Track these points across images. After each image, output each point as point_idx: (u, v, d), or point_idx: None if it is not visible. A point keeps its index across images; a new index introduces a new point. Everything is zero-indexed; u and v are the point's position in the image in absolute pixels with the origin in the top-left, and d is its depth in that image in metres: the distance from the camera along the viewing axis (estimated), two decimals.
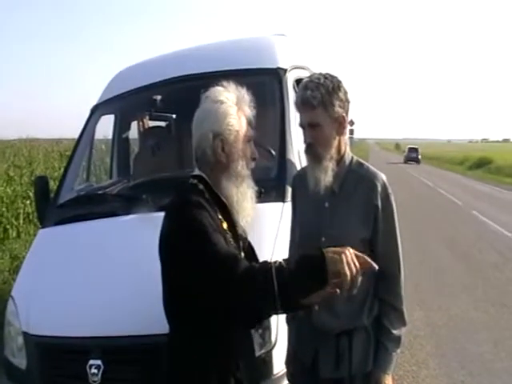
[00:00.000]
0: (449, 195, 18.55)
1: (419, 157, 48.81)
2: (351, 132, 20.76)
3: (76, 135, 3.97)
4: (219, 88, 1.75)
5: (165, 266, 1.67)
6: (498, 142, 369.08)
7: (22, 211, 9.45)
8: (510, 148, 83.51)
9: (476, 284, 7.06)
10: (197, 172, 1.75)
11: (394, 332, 2.09)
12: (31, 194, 9.92)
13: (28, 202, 9.68)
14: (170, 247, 1.63)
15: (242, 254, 1.77)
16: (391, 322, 2.10)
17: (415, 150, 49.68)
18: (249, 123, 1.76)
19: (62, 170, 10.06)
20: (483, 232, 11.04)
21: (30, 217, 9.59)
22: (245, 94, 1.76)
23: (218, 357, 1.67)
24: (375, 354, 2.09)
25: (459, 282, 7.18)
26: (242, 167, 1.73)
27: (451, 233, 10.91)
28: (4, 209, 9.19)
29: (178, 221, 1.63)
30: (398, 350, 2.13)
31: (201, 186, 1.70)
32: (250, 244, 1.91)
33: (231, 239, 1.70)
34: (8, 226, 9.01)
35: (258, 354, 2.22)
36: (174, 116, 4.29)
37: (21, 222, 9.26)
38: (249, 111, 1.76)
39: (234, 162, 1.71)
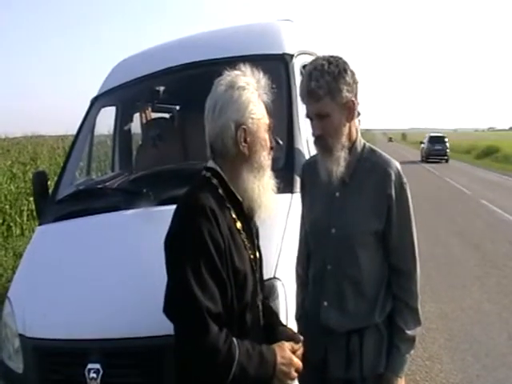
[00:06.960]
0: (457, 184, 18.32)
1: (447, 150, 32.27)
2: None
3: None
4: (237, 72, 1.61)
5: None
6: (504, 130, 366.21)
7: (25, 208, 9.38)
8: None
9: (488, 275, 6.90)
10: (211, 164, 1.62)
11: (408, 332, 1.94)
12: None
13: (32, 198, 9.60)
14: (167, 249, 1.53)
15: (257, 254, 1.69)
16: (405, 321, 1.95)
17: (440, 138, 32.78)
18: (267, 110, 1.63)
19: None
20: (493, 222, 10.85)
21: (34, 214, 9.52)
22: (262, 79, 1.63)
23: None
24: (388, 355, 1.95)
25: (471, 273, 7.02)
26: (264, 158, 1.61)
27: (461, 223, 10.74)
28: (7, 206, 9.11)
29: (181, 226, 1.52)
30: (412, 352, 1.99)
31: (214, 181, 1.58)
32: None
33: (245, 239, 1.60)
34: (12, 224, 8.94)
35: None
36: (177, 107, 4.15)
37: (24, 219, 9.20)
38: (266, 97, 1.63)
39: (257, 153, 1.59)
